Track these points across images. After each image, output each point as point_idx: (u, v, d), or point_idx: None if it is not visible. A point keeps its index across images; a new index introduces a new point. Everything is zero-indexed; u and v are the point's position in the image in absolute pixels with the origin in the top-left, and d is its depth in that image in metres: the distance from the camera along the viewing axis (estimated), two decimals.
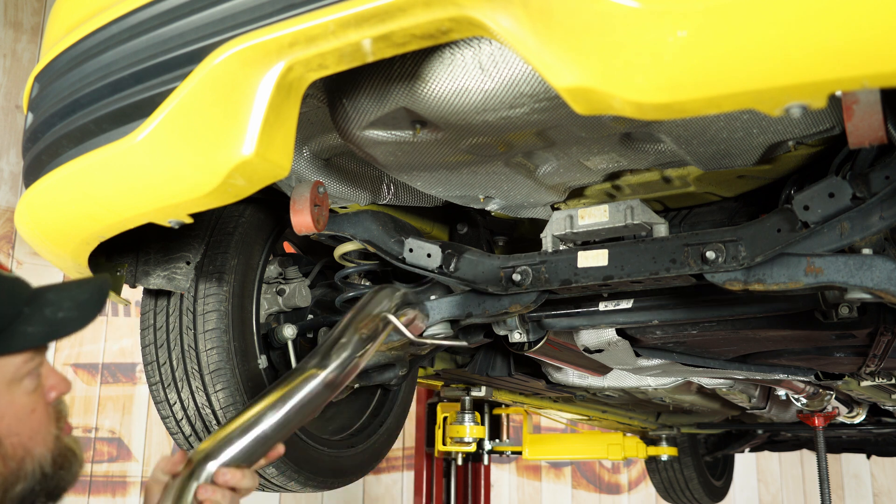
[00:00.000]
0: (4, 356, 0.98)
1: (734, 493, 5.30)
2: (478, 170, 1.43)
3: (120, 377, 4.13)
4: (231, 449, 1.26)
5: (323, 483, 1.88)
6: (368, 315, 1.41)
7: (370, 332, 1.39)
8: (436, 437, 3.90)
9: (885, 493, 7.39)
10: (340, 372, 1.33)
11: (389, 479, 4.90)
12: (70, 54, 1.23)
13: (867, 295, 1.34)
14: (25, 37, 3.85)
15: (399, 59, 1.14)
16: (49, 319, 1.02)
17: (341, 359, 1.34)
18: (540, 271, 1.59)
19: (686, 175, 1.50)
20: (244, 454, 1.27)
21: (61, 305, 1.04)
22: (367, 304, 1.44)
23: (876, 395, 3.00)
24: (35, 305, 1.02)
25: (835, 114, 1.22)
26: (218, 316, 1.64)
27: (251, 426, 1.28)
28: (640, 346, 2.09)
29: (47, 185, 1.26)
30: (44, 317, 1.01)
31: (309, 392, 1.32)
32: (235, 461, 1.26)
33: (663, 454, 4.13)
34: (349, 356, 1.35)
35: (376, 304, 1.45)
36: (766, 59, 0.76)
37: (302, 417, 1.32)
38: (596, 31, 0.82)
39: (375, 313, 1.41)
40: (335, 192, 1.60)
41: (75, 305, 1.05)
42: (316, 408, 1.33)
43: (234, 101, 1.03)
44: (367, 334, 1.37)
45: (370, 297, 1.46)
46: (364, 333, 1.37)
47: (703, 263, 1.42)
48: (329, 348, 1.35)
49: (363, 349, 1.37)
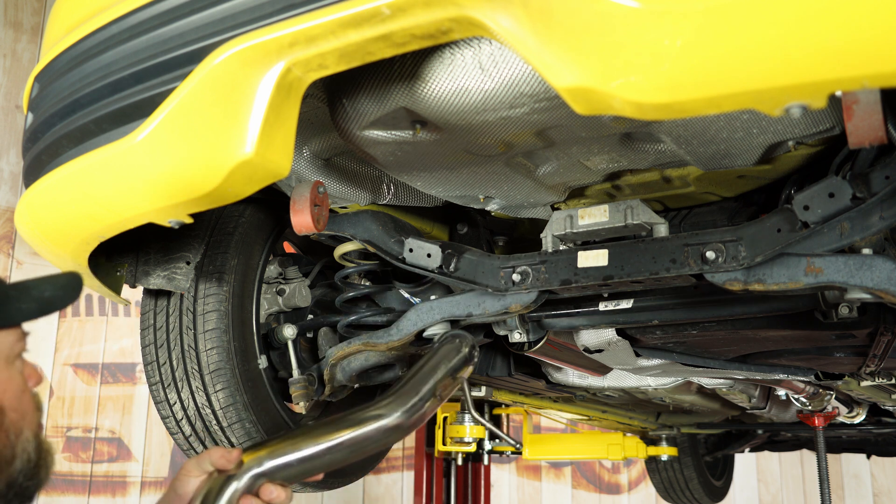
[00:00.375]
0: (3, 330, 1.02)
1: (734, 493, 5.30)
2: (478, 170, 1.43)
3: (120, 377, 4.13)
4: (282, 467, 1.25)
5: (323, 483, 1.88)
6: (450, 376, 1.38)
7: (446, 391, 1.38)
8: (436, 437, 3.90)
9: (885, 493, 7.39)
10: (407, 421, 1.32)
11: (389, 479, 4.90)
12: (70, 54, 1.23)
13: (867, 295, 1.34)
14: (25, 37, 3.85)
15: (399, 59, 1.14)
16: (38, 298, 1.06)
17: (414, 412, 1.33)
18: (540, 271, 1.59)
19: (686, 175, 1.50)
20: (291, 475, 1.26)
21: (44, 288, 1.08)
22: (452, 359, 1.41)
23: (876, 395, 3.00)
24: (20, 290, 1.06)
25: (835, 114, 1.22)
26: (218, 316, 1.64)
27: (308, 449, 1.26)
28: (640, 346, 2.09)
29: (47, 185, 1.26)
30: (32, 296, 1.06)
31: (371, 432, 1.30)
32: (281, 479, 1.25)
33: (663, 454, 4.13)
34: (419, 406, 1.34)
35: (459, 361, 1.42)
36: (766, 59, 0.76)
37: (354, 454, 1.30)
38: (596, 30, 0.82)
39: (458, 377, 1.40)
40: (335, 192, 1.60)
41: (57, 287, 1.10)
42: (371, 449, 1.32)
43: (234, 101, 1.03)
44: (442, 393, 1.37)
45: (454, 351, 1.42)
46: (441, 393, 1.36)
47: (703, 263, 1.42)
48: (407, 396, 1.34)
49: (433, 406, 1.37)
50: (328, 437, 1.27)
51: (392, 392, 1.35)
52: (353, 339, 1.81)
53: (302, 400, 1.71)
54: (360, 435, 1.28)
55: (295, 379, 1.73)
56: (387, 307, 1.92)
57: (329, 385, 1.85)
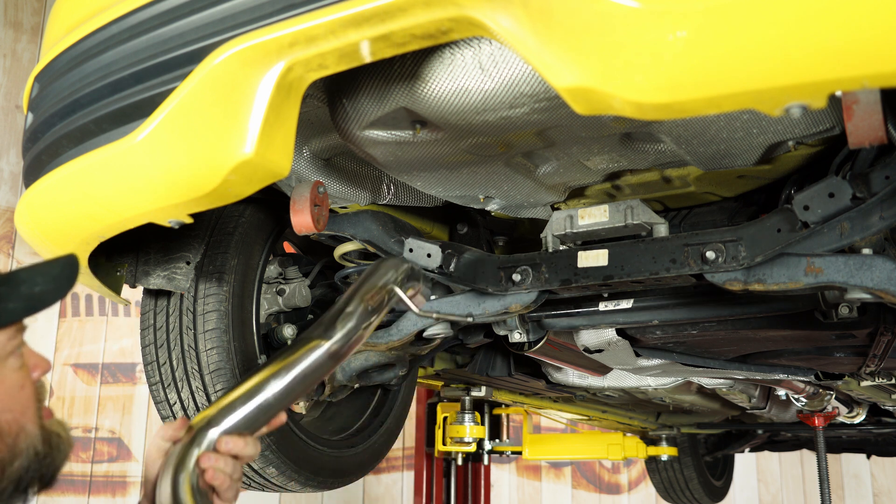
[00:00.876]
0: None
1: (734, 493, 5.30)
2: (478, 170, 1.43)
3: (120, 377, 4.13)
4: (233, 416, 1.24)
5: (323, 483, 1.88)
6: (374, 286, 1.37)
7: (376, 303, 1.35)
8: (436, 437, 3.90)
9: (885, 493, 7.39)
10: (345, 343, 1.30)
11: (389, 479, 4.90)
12: (70, 54, 1.23)
13: (867, 295, 1.34)
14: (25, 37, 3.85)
15: (399, 59, 1.14)
16: (26, 295, 1.03)
17: (346, 329, 1.30)
18: (540, 271, 1.59)
19: (686, 175, 1.50)
20: (246, 422, 1.24)
21: (35, 281, 1.05)
22: (373, 275, 1.40)
23: (876, 395, 3.00)
24: (9, 285, 1.03)
25: (835, 114, 1.22)
26: (218, 316, 1.64)
27: (253, 394, 1.25)
28: (640, 346, 2.09)
29: (47, 185, 1.26)
30: (21, 293, 1.02)
31: (312, 362, 1.28)
32: (237, 429, 1.23)
33: (663, 454, 4.13)
34: (354, 327, 1.32)
35: (382, 275, 1.40)
36: (766, 59, 0.76)
37: (304, 387, 1.29)
38: (596, 30, 0.82)
39: (381, 285, 1.37)
40: (335, 192, 1.60)
41: (49, 279, 1.06)
42: (318, 378, 1.30)
43: (234, 101, 1.03)
44: (372, 306, 1.34)
45: (375, 268, 1.42)
46: (370, 305, 1.33)
47: (703, 263, 1.43)
48: (334, 318, 1.32)
49: (368, 321, 1.34)
50: (273, 379, 1.26)
51: (324, 318, 1.34)
52: None
53: (302, 400, 1.71)
54: (303, 370, 1.27)
55: None
56: None
57: (329, 385, 1.85)
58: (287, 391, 1.27)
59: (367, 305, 1.33)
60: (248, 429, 1.25)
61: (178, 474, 1.17)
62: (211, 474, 1.19)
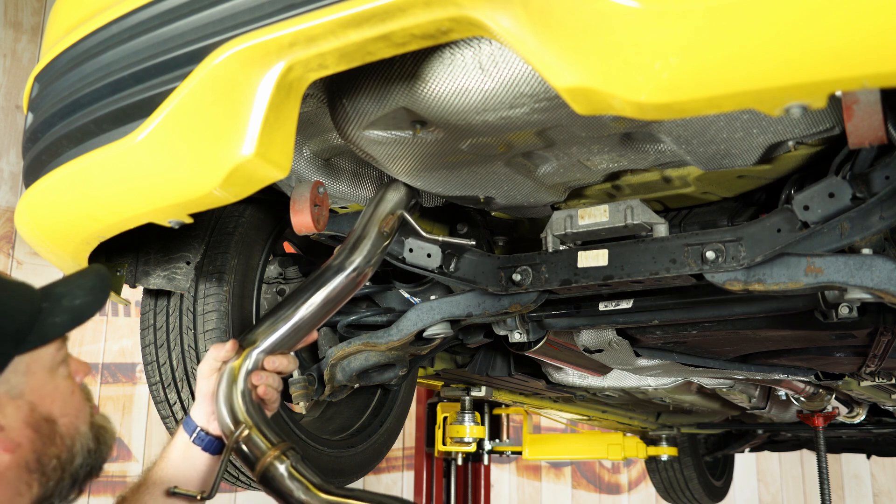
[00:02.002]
0: (41, 348, 1.06)
1: (734, 493, 5.30)
2: (478, 170, 1.43)
3: (120, 377, 4.13)
4: (273, 338, 1.41)
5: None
6: (385, 213, 1.51)
7: (389, 228, 1.50)
8: (436, 437, 3.90)
9: (885, 493, 7.39)
10: (364, 266, 1.46)
11: (389, 479, 4.90)
12: (70, 54, 1.23)
13: (867, 295, 1.34)
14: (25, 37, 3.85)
15: (399, 59, 1.14)
16: (69, 308, 1.09)
17: (364, 253, 1.46)
18: (540, 271, 1.59)
19: (686, 175, 1.50)
20: (285, 341, 1.42)
21: (75, 294, 1.11)
22: (381, 203, 1.53)
23: (876, 395, 3.00)
24: (51, 301, 1.09)
25: (835, 114, 1.22)
26: (218, 316, 1.64)
27: (289, 317, 1.42)
28: (640, 346, 2.09)
29: (47, 185, 1.26)
30: (63, 307, 1.09)
31: (337, 284, 1.45)
32: (278, 348, 1.42)
33: (663, 454, 4.13)
34: (371, 251, 1.47)
35: (388, 202, 1.53)
36: (766, 59, 0.76)
37: (332, 307, 1.46)
38: (596, 30, 0.82)
39: (390, 210, 1.51)
40: (335, 192, 1.60)
41: (86, 291, 1.13)
42: (343, 298, 1.47)
43: (234, 101, 1.03)
44: (386, 231, 1.49)
45: (382, 195, 1.54)
46: (384, 230, 1.49)
47: (703, 263, 1.42)
48: (353, 245, 1.47)
49: (382, 245, 1.49)
50: (304, 302, 1.43)
51: (344, 245, 1.49)
52: (353, 339, 1.81)
53: (302, 400, 1.71)
54: (330, 292, 1.44)
55: (295, 379, 1.72)
56: (387, 307, 1.92)
57: (329, 385, 1.85)
58: (317, 311, 1.44)
59: (382, 230, 1.48)
60: (286, 347, 1.43)
61: (233, 390, 1.34)
62: (263, 390, 1.38)
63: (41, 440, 1.04)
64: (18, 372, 1.03)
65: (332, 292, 1.45)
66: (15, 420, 1.01)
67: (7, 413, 1.01)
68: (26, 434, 1.03)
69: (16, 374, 1.02)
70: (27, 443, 1.02)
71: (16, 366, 1.02)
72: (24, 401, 1.03)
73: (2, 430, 1.00)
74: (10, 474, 1.01)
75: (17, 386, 1.02)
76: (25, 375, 1.03)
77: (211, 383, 1.38)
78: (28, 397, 1.03)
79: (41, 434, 1.04)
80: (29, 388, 1.04)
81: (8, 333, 1.02)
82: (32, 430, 1.03)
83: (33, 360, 1.05)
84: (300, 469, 1.25)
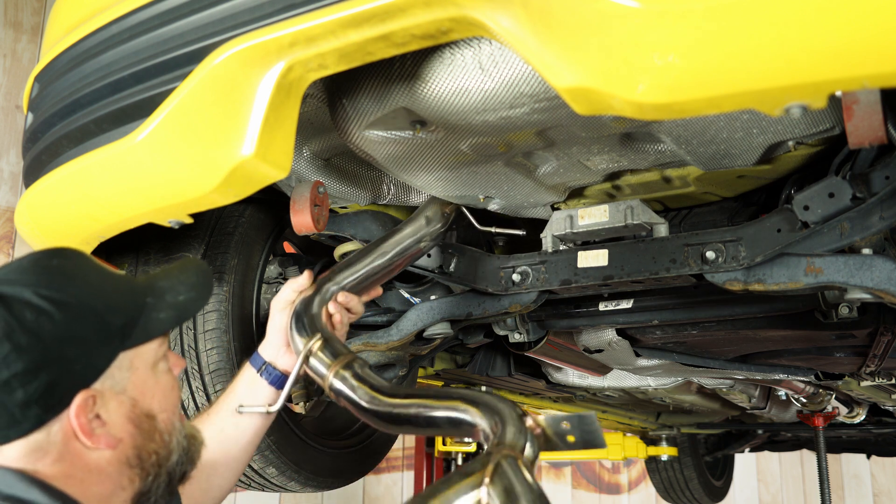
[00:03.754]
0: (145, 344, 1.06)
1: (734, 493, 5.30)
2: (478, 170, 1.43)
3: None
4: (346, 277, 1.48)
5: (323, 483, 1.88)
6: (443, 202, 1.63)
7: (449, 211, 1.62)
8: (436, 437, 3.90)
9: (885, 493, 7.39)
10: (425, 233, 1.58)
11: (389, 479, 4.90)
12: (70, 54, 1.23)
13: (867, 295, 1.34)
14: (25, 37, 3.85)
15: (399, 59, 1.14)
16: (173, 304, 1.09)
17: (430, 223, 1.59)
18: (540, 271, 1.59)
19: (686, 175, 1.50)
20: (355, 284, 1.49)
21: (178, 290, 1.11)
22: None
23: (876, 395, 3.00)
24: (154, 295, 1.09)
25: (835, 114, 1.22)
26: (218, 316, 1.64)
27: (363, 265, 1.51)
28: (640, 346, 2.09)
29: (47, 185, 1.26)
30: (167, 302, 1.09)
31: (404, 246, 1.55)
32: (350, 288, 1.48)
33: (663, 454, 4.13)
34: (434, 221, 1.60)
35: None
36: (767, 60, 0.76)
37: (396, 266, 1.56)
38: (596, 30, 0.82)
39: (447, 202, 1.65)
40: (335, 192, 1.60)
41: (189, 287, 1.13)
42: (406, 261, 1.58)
43: (234, 101, 1.03)
44: (447, 212, 1.61)
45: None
46: (444, 211, 1.61)
47: (703, 263, 1.42)
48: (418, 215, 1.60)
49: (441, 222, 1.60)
50: (376, 256, 1.52)
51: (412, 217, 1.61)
52: (353, 339, 1.81)
53: (301, 400, 1.71)
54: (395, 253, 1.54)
55: None
56: (387, 307, 1.92)
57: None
58: (384, 266, 1.53)
59: (442, 211, 1.61)
60: (356, 290, 1.49)
61: (309, 307, 1.39)
62: (338, 318, 1.41)
63: (142, 436, 1.05)
64: (122, 367, 1.03)
65: (398, 253, 1.53)
66: (117, 416, 1.02)
67: (110, 408, 1.01)
68: (128, 429, 1.03)
69: (120, 369, 1.02)
70: (128, 438, 1.03)
71: (120, 361, 1.02)
72: (127, 396, 1.03)
73: (105, 425, 1.00)
74: (111, 469, 1.02)
75: (121, 382, 1.02)
76: (129, 371, 1.03)
77: (284, 317, 1.38)
78: (130, 393, 1.04)
79: (142, 430, 1.05)
80: (131, 383, 1.04)
81: (115, 329, 1.02)
82: (134, 425, 1.04)
83: (136, 355, 1.05)
84: (366, 376, 1.25)
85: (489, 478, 0.91)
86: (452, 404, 1.12)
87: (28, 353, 0.94)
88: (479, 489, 0.91)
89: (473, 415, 1.09)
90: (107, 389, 1.01)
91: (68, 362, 0.97)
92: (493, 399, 1.10)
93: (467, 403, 1.11)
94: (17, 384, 0.93)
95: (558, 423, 1.02)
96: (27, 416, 0.94)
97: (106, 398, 1.01)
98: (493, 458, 0.94)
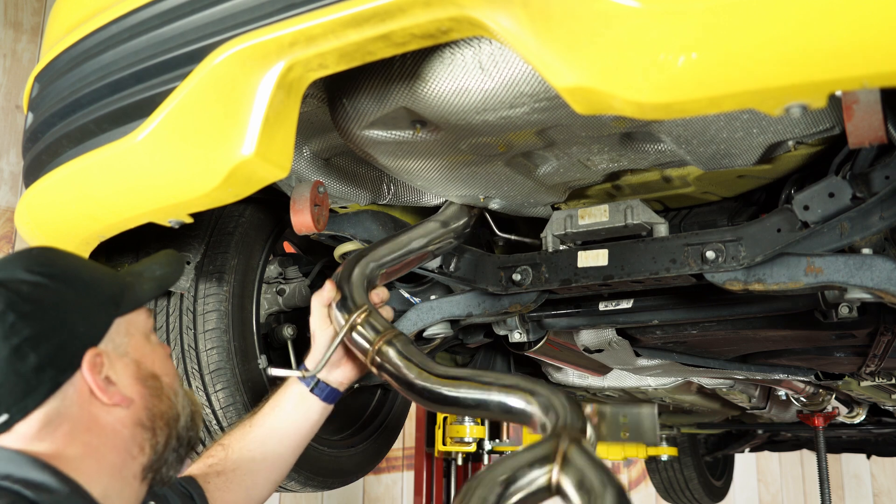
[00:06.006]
0: (136, 311, 1.12)
1: (734, 493, 5.30)
2: (478, 170, 1.43)
3: None
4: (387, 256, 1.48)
5: (323, 483, 1.88)
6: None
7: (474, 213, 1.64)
8: (436, 436, 3.90)
9: (885, 493, 7.39)
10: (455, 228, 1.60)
11: (389, 479, 4.90)
12: (70, 54, 1.23)
13: (867, 295, 1.34)
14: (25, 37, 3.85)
15: (399, 58, 1.14)
16: (152, 277, 1.17)
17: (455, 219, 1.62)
18: (540, 271, 1.59)
19: (686, 175, 1.50)
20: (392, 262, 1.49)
21: (154, 269, 1.18)
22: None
23: (876, 395, 3.00)
24: (132, 276, 1.15)
25: (835, 114, 1.22)
26: (218, 316, 1.64)
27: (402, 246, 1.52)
28: (640, 346, 2.09)
29: (47, 185, 1.26)
30: (146, 277, 1.16)
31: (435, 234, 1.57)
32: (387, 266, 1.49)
33: (663, 454, 4.13)
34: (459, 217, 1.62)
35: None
36: (767, 59, 0.76)
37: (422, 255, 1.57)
38: (596, 30, 0.82)
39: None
40: (335, 192, 1.60)
41: (163, 265, 1.20)
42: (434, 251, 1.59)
43: (235, 100, 1.03)
44: (474, 212, 1.64)
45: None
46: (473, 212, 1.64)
47: (703, 263, 1.42)
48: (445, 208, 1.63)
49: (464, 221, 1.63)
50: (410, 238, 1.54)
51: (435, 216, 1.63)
52: None
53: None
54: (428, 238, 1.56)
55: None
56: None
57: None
58: (416, 250, 1.54)
59: (461, 207, 1.64)
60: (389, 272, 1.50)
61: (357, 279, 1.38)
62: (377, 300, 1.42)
63: (150, 394, 1.09)
64: (120, 332, 1.08)
65: (418, 243, 1.54)
66: (125, 376, 1.07)
67: (117, 369, 1.06)
68: (137, 389, 1.08)
69: (118, 334, 1.08)
70: (139, 398, 1.08)
71: (117, 327, 1.08)
72: (130, 359, 1.09)
73: (115, 384, 1.05)
74: (126, 432, 1.06)
75: (122, 346, 1.08)
76: (127, 336, 1.09)
77: (329, 332, 1.38)
78: (132, 356, 1.09)
79: (150, 388, 1.10)
80: (131, 347, 1.09)
81: (106, 297, 1.08)
82: (142, 385, 1.09)
83: (130, 322, 1.10)
84: (409, 352, 1.25)
85: (560, 457, 0.92)
86: (507, 390, 1.12)
87: (33, 319, 0.99)
88: (550, 467, 0.92)
89: (529, 402, 1.09)
90: (111, 351, 1.06)
91: (72, 324, 1.02)
92: (547, 388, 1.10)
93: (522, 391, 1.11)
94: (29, 348, 0.98)
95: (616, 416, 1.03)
96: (42, 379, 0.98)
97: (112, 359, 1.06)
98: (562, 439, 0.95)
